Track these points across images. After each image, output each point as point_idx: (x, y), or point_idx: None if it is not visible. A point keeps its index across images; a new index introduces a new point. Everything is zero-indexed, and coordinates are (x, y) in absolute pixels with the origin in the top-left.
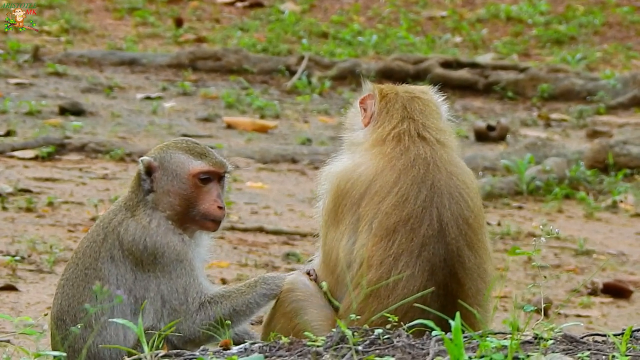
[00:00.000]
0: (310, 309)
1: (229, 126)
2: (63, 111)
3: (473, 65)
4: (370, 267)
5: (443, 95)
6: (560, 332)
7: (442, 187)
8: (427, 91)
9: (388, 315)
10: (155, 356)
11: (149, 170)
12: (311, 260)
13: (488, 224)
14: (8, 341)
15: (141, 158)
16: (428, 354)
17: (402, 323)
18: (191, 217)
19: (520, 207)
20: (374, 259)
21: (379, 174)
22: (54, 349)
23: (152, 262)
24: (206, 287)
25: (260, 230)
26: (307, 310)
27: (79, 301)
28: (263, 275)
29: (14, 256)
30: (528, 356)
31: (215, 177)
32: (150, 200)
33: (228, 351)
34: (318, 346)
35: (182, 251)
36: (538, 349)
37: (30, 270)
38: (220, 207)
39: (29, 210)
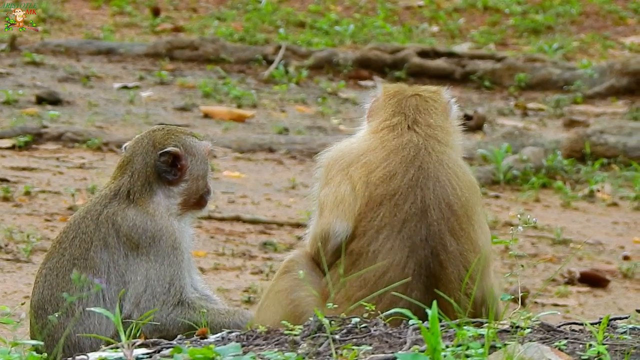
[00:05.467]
0: (305, 286)
1: (206, 115)
2: (40, 100)
3: (450, 55)
4: (354, 237)
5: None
6: (537, 321)
7: (430, 170)
8: (435, 91)
9: (365, 304)
10: (132, 345)
11: (174, 161)
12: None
13: None
14: None
15: (165, 150)
16: (405, 342)
17: (380, 301)
18: (201, 197)
19: (497, 197)
20: (358, 230)
21: (371, 151)
22: (32, 339)
23: (148, 245)
24: (189, 286)
25: (237, 219)
26: (302, 287)
27: (62, 290)
28: (243, 310)
29: None
30: (505, 345)
31: None
32: (176, 190)
33: (205, 340)
34: (295, 335)
35: (179, 239)
36: (515, 337)
37: (7, 260)
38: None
39: (5, 199)
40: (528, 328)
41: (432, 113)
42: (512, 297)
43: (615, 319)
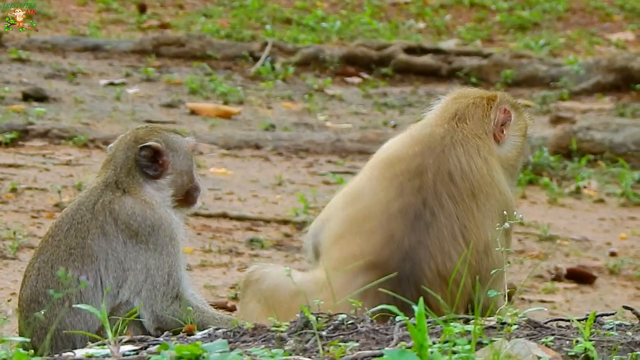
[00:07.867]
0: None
1: (193, 112)
2: (26, 97)
3: (437, 51)
4: (354, 200)
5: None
6: (524, 317)
7: (437, 148)
8: (488, 98)
9: (352, 300)
10: (119, 341)
11: (155, 156)
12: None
13: None
14: None
15: (145, 144)
16: (392, 339)
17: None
18: (188, 193)
19: None
20: (352, 185)
21: (397, 142)
22: (22, 331)
23: (148, 233)
24: (185, 280)
25: (224, 216)
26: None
27: (58, 282)
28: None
29: None
30: (492, 341)
31: None
32: (163, 183)
33: (192, 337)
34: (282, 332)
35: (175, 230)
36: (502, 334)
37: None
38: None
39: None
40: (515, 324)
41: (468, 120)
42: (499, 293)
43: (601, 315)
